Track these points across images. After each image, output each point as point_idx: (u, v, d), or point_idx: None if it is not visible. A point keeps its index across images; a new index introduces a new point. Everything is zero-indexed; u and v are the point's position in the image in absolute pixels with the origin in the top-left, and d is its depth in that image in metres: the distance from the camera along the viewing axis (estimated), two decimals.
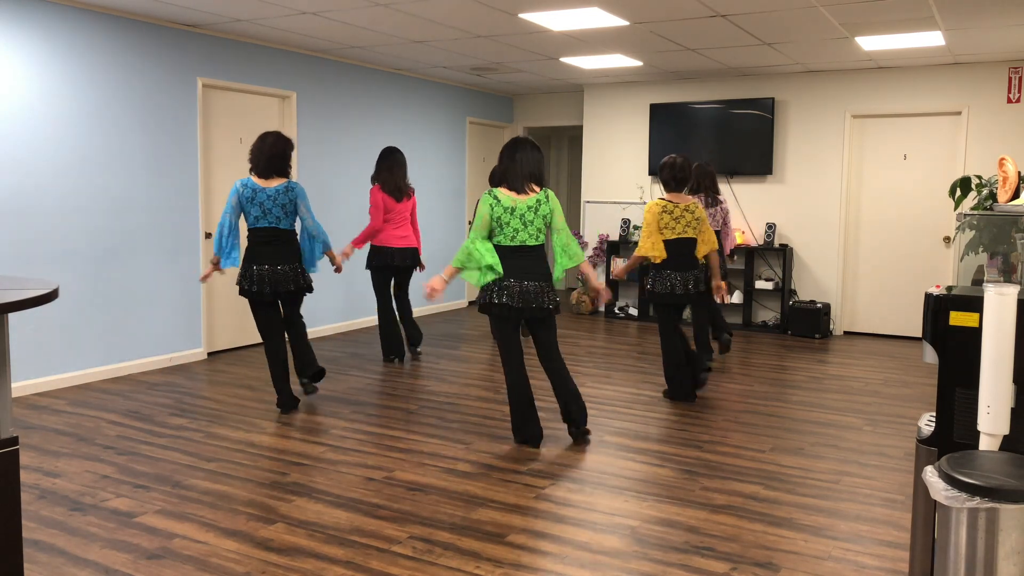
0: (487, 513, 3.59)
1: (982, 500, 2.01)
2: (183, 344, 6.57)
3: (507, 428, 4.88)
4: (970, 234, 3.44)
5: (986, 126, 7.68)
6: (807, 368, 6.70)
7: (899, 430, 4.96)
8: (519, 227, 4.40)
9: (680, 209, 5.39)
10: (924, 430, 2.55)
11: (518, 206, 4.40)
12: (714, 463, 4.30)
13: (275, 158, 4.99)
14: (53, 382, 5.68)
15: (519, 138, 4.53)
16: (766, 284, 8.44)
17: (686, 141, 8.89)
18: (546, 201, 4.45)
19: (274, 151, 4.98)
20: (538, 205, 4.42)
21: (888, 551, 3.26)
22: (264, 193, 4.95)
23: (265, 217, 4.97)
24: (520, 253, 4.42)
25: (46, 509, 3.58)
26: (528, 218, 4.40)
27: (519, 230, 4.40)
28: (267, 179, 5.00)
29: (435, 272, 9.46)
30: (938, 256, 8.03)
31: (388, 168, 6.42)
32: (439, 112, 9.37)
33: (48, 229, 5.60)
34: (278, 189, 4.97)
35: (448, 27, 6.39)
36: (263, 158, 4.98)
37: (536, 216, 4.41)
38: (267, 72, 7.14)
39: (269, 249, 4.99)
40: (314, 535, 3.34)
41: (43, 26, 5.51)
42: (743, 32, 6.43)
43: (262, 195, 4.95)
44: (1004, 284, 2.32)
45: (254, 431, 4.77)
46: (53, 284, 2.52)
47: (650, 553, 3.20)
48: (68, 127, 5.69)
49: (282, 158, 5.01)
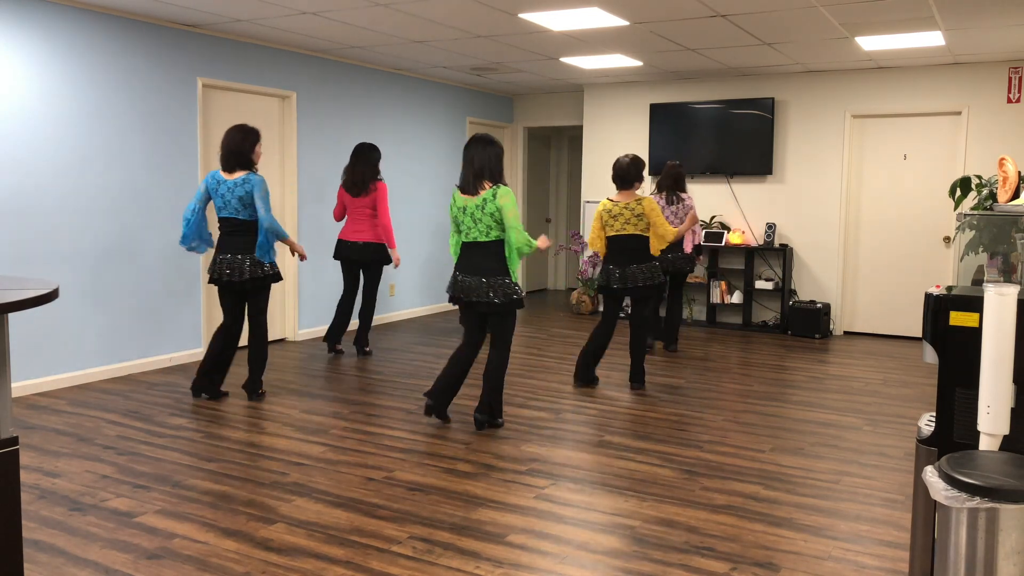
0: (487, 513, 3.59)
1: (982, 500, 2.01)
2: (183, 344, 6.57)
3: (507, 428, 4.89)
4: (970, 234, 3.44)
5: (986, 126, 7.68)
6: (807, 368, 6.70)
7: (899, 430, 4.96)
8: (471, 224, 4.68)
9: (619, 207, 5.73)
10: (924, 430, 2.55)
11: (468, 205, 4.67)
12: (714, 463, 4.30)
13: (233, 152, 5.15)
14: (53, 382, 5.68)
15: (474, 136, 4.74)
16: (766, 284, 8.44)
17: (686, 141, 8.89)
18: (492, 200, 4.61)
19: (231, 145, 5.15)
20: (484, 203, 4.63)
21: (888, 551, 3.26)
22: (225, 185, 5.15)
23: (226, 208, 5.18)
24: (471, 249, 4.73)
25: (46, 509, 3.58)
26: (477, 216, 4.65)
27: (471, 227, 4.69)
28: (230, 172, 5.18)
29: (430, 270, 9.46)
30: (938, 256, 8.03)
31: (351, 164, 6.67)
32: (439, 112, 9.37)
33: (48, 229, 5.60)
34: (236, 181, 5.13)
35: (448, 27, 6.39)
36: (223, 151, 5.18)
37: (484, 214, 4.63)
38: (267, 72, 7.14)
39: (229, 239, 5.22)
40: (314, 535, 3.34)
41: (43, 26, 5.51)
42: (743, 32, 6.43)
43: (223, 187, 5.16)
44: (1004, 284, 2.32)
45: (254, 431, 4.77)
46: (53, 284, 2.52)
47: (650, 553, 3.20)
48: (68, 127, 5.69)
49: (239, 152, 5.14)
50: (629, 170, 5.75)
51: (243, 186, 5.12)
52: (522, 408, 5.34)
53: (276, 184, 7.40)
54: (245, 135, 5.16)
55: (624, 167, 5.75)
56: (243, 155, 5.15)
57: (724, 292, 8.62)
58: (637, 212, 5.69)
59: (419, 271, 9.20)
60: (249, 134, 5.17)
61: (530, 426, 4.93)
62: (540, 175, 11.89)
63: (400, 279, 8.89)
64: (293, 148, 7.42)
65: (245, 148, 5.14)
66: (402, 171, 8.82)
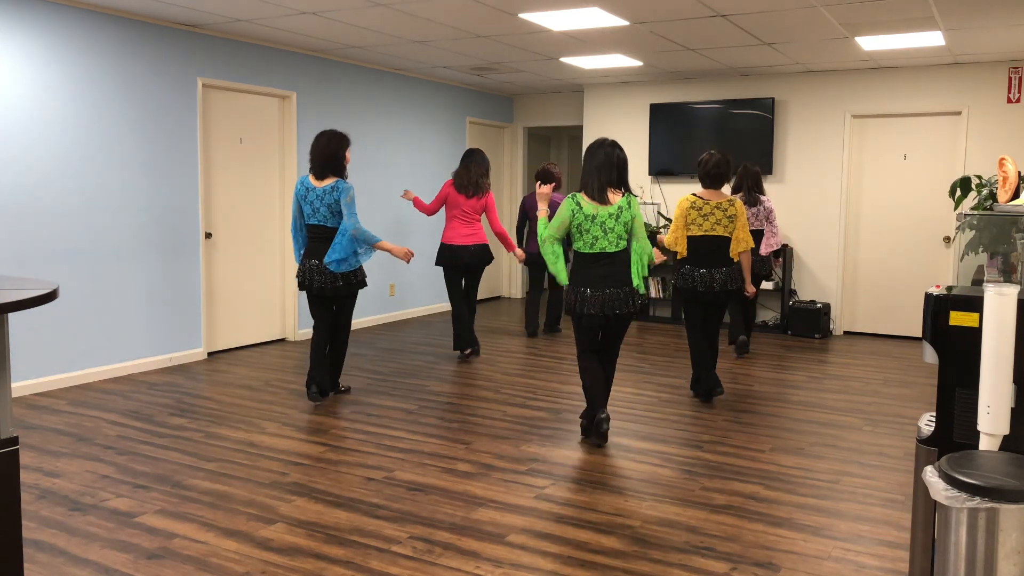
0: (487, 513, 3.59)
1: (982, 500, 2.01)
2: (183, 344, 6.57)
3: (507, 428, 4.89)
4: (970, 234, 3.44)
5: (986, 126, 7.68)
6: (807, 368, 6.70)
7: (899, 430, 4.96)
8: (599, 234, 4.44)
9: (710, 206, 5.37)
10: (924, 430, 2.54)
11: (599, 213, 4.42)
12: (714, 463, 4.30)
13: (326, 159, 5.09)
14: (53, 382, 5.68)
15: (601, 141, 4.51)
16: (766, 284, 8.44)
17: (686, 141, 8.89)
18: (627, 208, 4.47)
19: (324, 153, 5.08)
20: (619, 212, 4.45)
21: (888, 551, 3.26)
22: (314, 192, 5.10)
23: (315, 215, 5.13)
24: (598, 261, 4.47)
25: (46, 509, 3.58)
26: (609, 225, 4.44)
27: (599, 237, 4.44)
28: (320, 179, 5.12)
29: (432, 269, 9.46)
30: (938, 256, 8.03)
31: (464, 166, 6.61)
32: (439, 112, 9.37)
33: (48, 229, 5.60)
34: (326, 188, 5.07)
35: (448, 27, 6.39)
36: (314, 159, 5.11)
37: (617, 223, 4.45)
38: (267, 72, 7.14)
39: (317, 246, 5.17)
40: (314, 535, 3.34)
41: (43, 26, 5.51)
42: (743, 32, 6.43)
43: (312, 194, 5.11)
44: (1004, 284, 2.32)
45: (254, 431, 4.77)
46: (53, 284, 2.52)
47: (650, 553, 3.20)
48: (68, 127, 5.69)
49: (333, 158, 5.09)
50: (721, 167, 5.39)
51: (332, 194, 5.05)
52: (522, 408, 5.34)
53: (276, 184, 7.40)
54: (335, 140, 5.09)
55: (716, 164, 5.39)
56: (337, 161, 5.10)
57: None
58: (730, 213, 5.37)
59: (420, 271, 9.20)
60: (339, 139, 5.11)
61: (530, 426, 4.93)
62: None
63: (401, 279, 8.89)
64: (293, 148, 7.42)
65: (338, 154, 5.09)
66: (402, 171, 8.82)
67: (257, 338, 7.33)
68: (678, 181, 9.09)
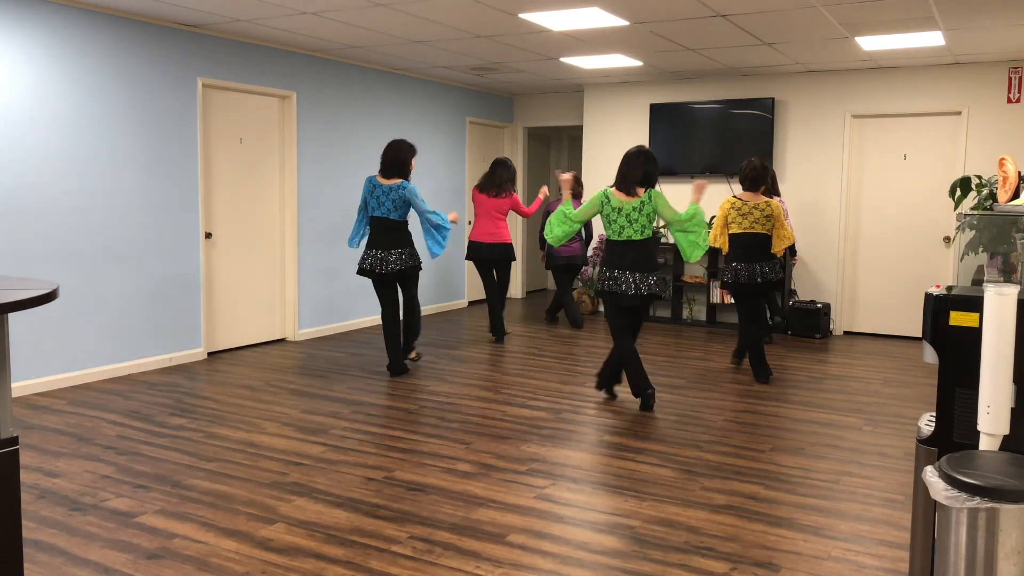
0: (487, 513, 3.59)
1: (982, 500, 2.01)
2: (183, 344, 6.57)
3: (507, 428, 4.89)
4: (970, 234, 3.44)
5: (986, 126, 7.68)
6: (807, 368, 6.70)
7: (899, 430, 4.96)
8: (625, 224, 5.18)
9: (749, 206, 6.01)
10: (924, 430, 2.55)
11: (624, 206, 5.17)
12: (714, 463, 4.30)
13: (396, 162, 5.97)
14: (53, 382, 5.68)
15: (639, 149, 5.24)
16: None
17: (686, 141, 8.89)
18: (649, 201, 5.17)
19: (395, 156, 5.97)
20: (641, 205, 5.16)
21: (888, 551, 3.26)
22: (380, 189, 5.98)
23: (379, 208, 5.99)
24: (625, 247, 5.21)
25: (46, 509, 3.58)
26: (633, 216, 5.16)
27: (625, 227, 5.18)
28: (388, 178, 6.01)
29: (435, 269, 9.45)
30: (938, 256, 8.03)
31: (491, 170, 7.57)
32: (439, 112, 9.37)
33: (48, 229, 5.60)
34: (392, 186, 5.95)
35: (448, 27, 6.39)
36: (386, 161, 6.00)
37: (640, 215, 5.16)
38: (267, 72, 7.14)
39: (380, 236, 6.01)
40: (314, 535, 3.34)
41: (43, 26, 5.51)
42: (743, 32, 6.43)
43: (379, 190, 5.99)
44: (1004, 284, 2.32)
45: (254, 431, 4.77)
46: (53, 284, 2.52)
47: (650, 553, 3.21)
48: (68, 127, 5.69)
49: (401, 163, 5.97)
50: (760, 172, 6.01)
51: (398, 191, 5.93)
52: (522, 408, 5.34)
53: (276, 184, 7.40)
54: (405, 148, 5.98)
55: (756, 169, 6.01)
56: (404, 165, 5.98)
57: (724, 292, 8.62)
58: (767, 213, 5.98)
59: (423, 270, 9.17)
60: (409, 148, 6.00)
61: (530, 426, 4.94)
62: (540, 175, 11.89)
63: None
64: (293, 148, 7.42)
65: (406, 160, 5.97)
66: None
67: (257, 338, 7.33)
68: (678, 181, 9.09)
